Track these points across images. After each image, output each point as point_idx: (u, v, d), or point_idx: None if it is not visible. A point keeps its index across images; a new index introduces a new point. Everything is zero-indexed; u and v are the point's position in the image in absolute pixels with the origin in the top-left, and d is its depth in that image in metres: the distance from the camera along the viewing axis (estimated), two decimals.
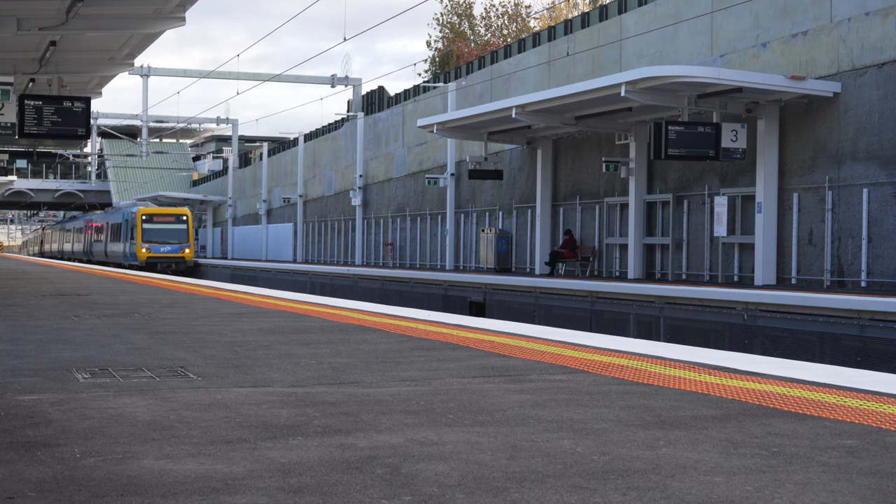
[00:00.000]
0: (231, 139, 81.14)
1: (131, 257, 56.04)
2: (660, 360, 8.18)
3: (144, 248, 55.19)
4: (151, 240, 55.56)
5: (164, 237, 55.79)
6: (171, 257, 55.38)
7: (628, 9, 29.70)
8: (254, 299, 17.41)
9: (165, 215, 56.98)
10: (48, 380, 7.11)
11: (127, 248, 57.02)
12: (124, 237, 57.81)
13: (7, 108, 21.21)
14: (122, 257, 57.90)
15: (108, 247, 63.45)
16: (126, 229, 57.46)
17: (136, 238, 55.44)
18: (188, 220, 56.96)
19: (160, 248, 55.41)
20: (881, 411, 5.78)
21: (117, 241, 60.06)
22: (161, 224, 56.10)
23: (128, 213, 57.82)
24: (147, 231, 55.68)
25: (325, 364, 8.05)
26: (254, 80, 61.62)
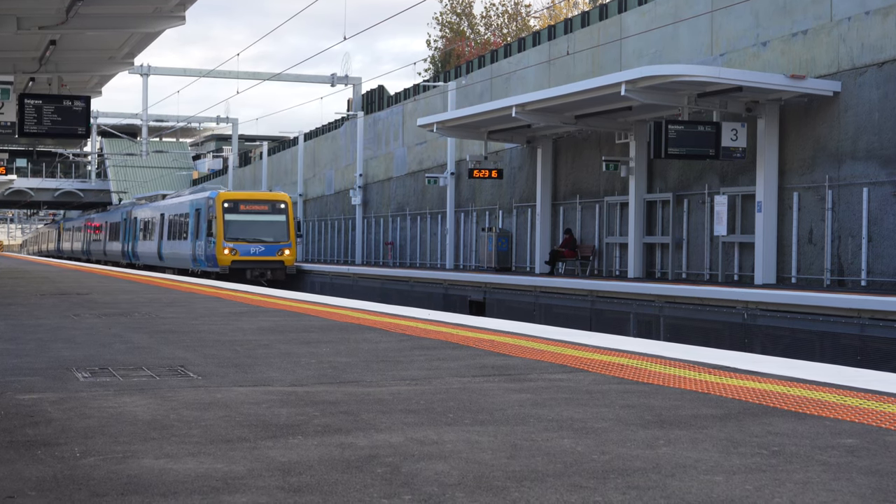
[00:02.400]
0: (231, 138, 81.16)
1: (206, 261, 40.11)
2: (660, 360, 8.18)
3: (227, 249, 38.67)
4: (237, 237, 39.33)
5: (256, 233, 39.73)
6: (266, 261, 39.21)
7: (628, 8, 29.69)
8: (254, 298, 17.41)
9: (256, 202, 40.45)
10: (48, 379, 7.11)
11: (199, 248, 41.00)
12: (194, 234, 41.79)
13: (7, 107, 21.20)
14: (191, 261, 42.19)
15: (163, 247, 47.18)
16: (197, 223, 41.50)
17: (215, 234, 39.24)
18: (288, 210, 40.30)
19: (249, 248, 39.06)
20: (881, 410, 5.78)
21: (179, 238, 44.21)
22: (251, 214, 39.96)
23: (201, 201, 41.42)
24: (231, 225, 39.48)
25: (325, 363, 8.05)
26: (254, 79, 61.63)
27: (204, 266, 40.49)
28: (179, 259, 44.05)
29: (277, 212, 40.29)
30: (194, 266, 41.78)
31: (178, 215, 44.86)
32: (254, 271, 38.78)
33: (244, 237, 39.43)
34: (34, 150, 69.79)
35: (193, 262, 41.85)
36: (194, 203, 42.37)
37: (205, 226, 40.40)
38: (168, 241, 46.40)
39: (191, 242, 42.10)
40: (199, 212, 41.47)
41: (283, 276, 39.35)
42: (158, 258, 47.76)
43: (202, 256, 40.62)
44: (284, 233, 40.02)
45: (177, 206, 45.77)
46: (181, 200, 45.30)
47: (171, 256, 45.73)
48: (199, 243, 40.95)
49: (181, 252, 43.75)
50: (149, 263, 49.66)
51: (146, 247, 50.74)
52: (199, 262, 41.13)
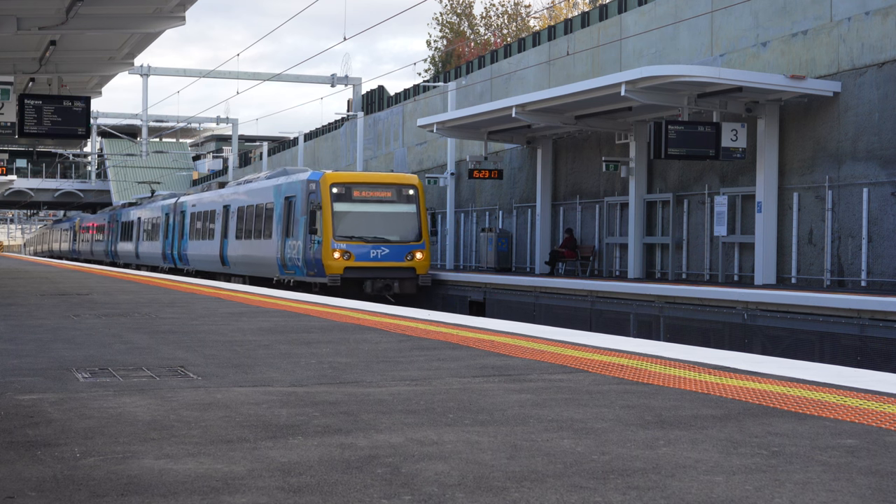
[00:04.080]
0: (231, 139, 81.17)
1: (305, 268, 29.18)
2: (660, 360, 8.18)
3: (339, 252, 28.11)
4: (352, 234, 28.55)
5: (377, 229, 29.04)
6: (391, 268, 28.52)
7: (628, 8, 29.69)
8: (253, 299, 17.41)
9: (376, 187, 29.41)
10: (48, 379, 7.11)
11: (292, 250, 30.04)
12: (282, 230, 30.84)
13: (7, 107, 21.21)
14: (278, 267, 31.11)
15: (229, 248, 36.24)
16: (287, 216, 30.72)
17: (320, 231, 28.39)
18: (419, 197, 29.47)
19: (369, 250, 28.47)
20: (881, 411, 5.78)
21: (257, 236, 33.24)
22: (369, 204, 29.24)
23: (295, 186, 30.47)
24: (344, 218, 28.68)
25: (325, 363, 8.05)
26: (254, 79, 61.64)
27: (300, 275, 29.34)
28: (259, 264, 32.78)
29: (405, 199, 29.16)
30: (284, 274, 30.61)
31: (254, 207, 33.70)
32: (375, 283, 27.83)
33: (361, 235, 28.33)
34: (34, 150, 69.79)
35: (283, 268, 30.55)
36: (283, 188, 31.07)
37: (302, 220, 29.13)
38: (239, 242, 35.05)
39: (277, 242, 30.94)
40: (290, 201, 30.29)
41: (415, 288, 28.43)
42: (221, 262, 36.79)
43: (297, 261, 29.31)
44: (415, 228, 28.90)
45: (251, 194, 34.39)
46: (258, 187, 34.08)
47: (245, 261, 34.40)
48: (293, 243, 29.74)
49: (263, 255, 32.25)
50: (205, 269, 39.03)
51: (201, 248, 39.74)
52: (291, 268, 29.86)
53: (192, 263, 41.10)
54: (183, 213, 43.25)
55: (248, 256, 34.14)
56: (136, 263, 51.78)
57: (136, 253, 51.87)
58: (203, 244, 39.75)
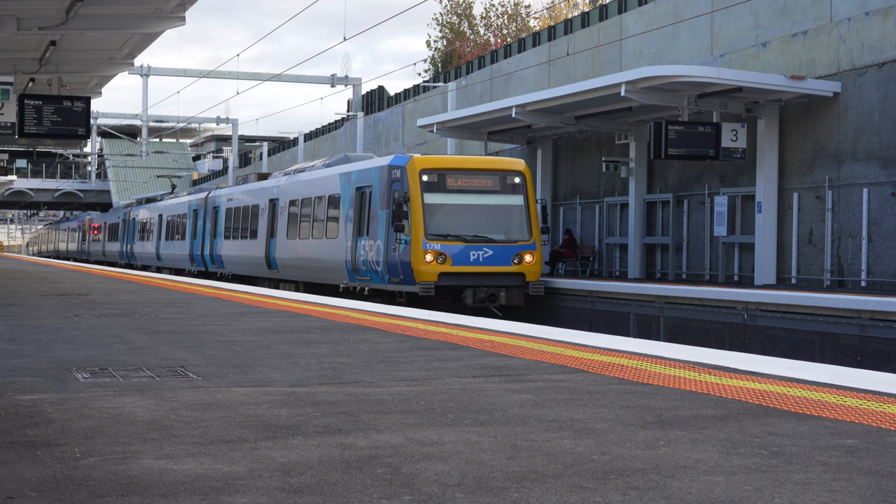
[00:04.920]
0: (231, 139, 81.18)
1: (392, 272, 23.69)
2: (660, 360, 8.18)
3: (431, 254, 23.03)
4: (446, 232, 23.44)
5: (477, 225, 23.86)
6: (496, 274, 23.28)
7: (628, 8, 29.70)
8: (254, 299, 17.41)
9: (475, 173, 24.20)
10: (48, 379, 7.11)
11: (367, 251, 24.77)
12: (354, 228, 25.57)
13: (7, 107, 21.21)
14: (348, 272, 25.66)
15: (277, 249, 30.68)
16: (361, 210, 25.42)
17: (408, 228, 23.28)
18: (527, 185, 24.25)
19: (469, 252, 23.16)
20: (881, 411, 5.77)
21: (325, 235, 27.25)
22: (466, 195, 24.05)
23: (370, 174, 25.26)
24: (437, 212, 23.62)
25: (325, 364, 8.05)
26: (254, 79, 61.65)
27: (378, 281, 24.02)
28: (320, 269, 27.30)
29: (510, 189, 23.77)
30: (355, 280, 25.14)
31: (313, 200, 28.20)
32: (477, 292, 22.64)
33: (459, 233, 23.04)
34: (34, 150, 69.79)
35: (353, 274, 25.13)
36: (354, 177, 25.70)
37: (382, 215, 23.90)
38: (291, 242, 29.58)
39: (345, 242, 25.48)
40: (364, 192, 25.05)
41: (523, 298, 23.17)
42: (267, 266, 31.35)
43: (376, 265, 23.94)
44: (523, 224, 23.56)
45: (308, 185, 28.97)
46: (316, 176, 28.53)
47: (300, 265, 28.86)
48: (368, 243, 24.35)
49: (325, 258, 26.84)
50: (246, 274, 33.86)
51: (241, 249, 34.12)
52: (366, 274, 24.46)
53: (229, 266, 35.60)
54: (216, 210, 37.75)
55: (305, 259, 28.41)
56: (156, 266, 45.91)
57: (157, 254, 45.99)
58: (244, 245, 34.03)
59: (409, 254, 22.87)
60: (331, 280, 26.67)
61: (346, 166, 27.06)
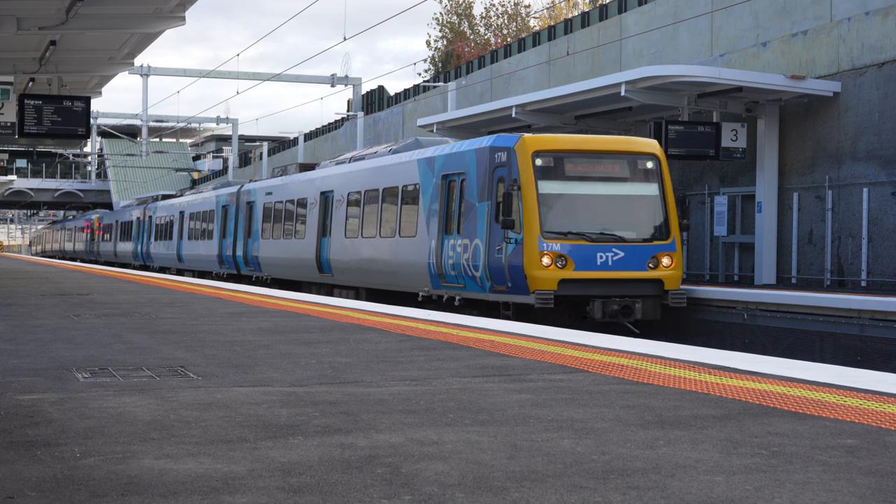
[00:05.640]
0: (231, 139, 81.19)
1: (496, 278, 18.86)
2: (659, 360, 8.18)
3: (549, 255, 18.18)
4: (568, 229, 18.68)
5: (604, 220, 19.17)
6: (628, 281, 18.60)
7: (628, 8, 29.70)
8: (254, 299, 17.41)
9: (600, 157, 19.39)
10: (48, 379, 7.11)
11: (471, 253, 19.60)
12: (457, 223, 20.36)
13: (7, 107, 21.22)
14: (436, 277, 20.86)
15: (331, 250, 26.29)
16: (455, 201, 20.61)
17: (519, 224, 18.34)
18: (661, 172, 19.50)
19: (595, 253, 18.50)
20: (881, 411, 5.77)
21: (399, 233, 22.87)
22: (590, 184, 19.32)
23: (467, 157, 20.42)
24: (555, 203, 18.88)
25: (325, 363, 8.05)
26: (254, 79, 61.66)
27: (475, 289, 19.32)
28: (392, 273, 22.73)
29: (643, 176, 19.36)
30: (442, 288, 20.47)
31: (379, 192, 23.77)
32: (608, 304, 18.14)
33: (583, 230, 18.61)
34: (34, 150, 69.77)
35: (439, 279, 20.47)
36: (439, 163, 21.20)
37: (481, 208, 19.26)
38: (351, 241, 25.01)
39: (430, 242, 20.95)
40: (454, 181, 20.49)
41: (659, 311, 18.69)
42: (319, 269, 26.68)
43: (472, 270, 19.29)
44: (659, 219, 19.18)
45: (373, 175, 24.47)
46: (383, 164, 24.07)
47: (365, 267, 24.20)
48: (460, 243, 19.79)
49: (400, 260, 22.38)
50: (291, 278, 29.12)
51: (285, 250, 29.48)
52: (458, 280, 19.81)
53: (268, 269, 31.12)
54: (250, 205, 33.17)
55: (369, 262, 23.88)
56: (177, 268, 41.74)
57: (179, 255, 41.31)
58: (287, 245, 29.30)
59: (520, 256, 18.15)
60: (406, 287, 22.05)
61: (426, 151, 22.39)
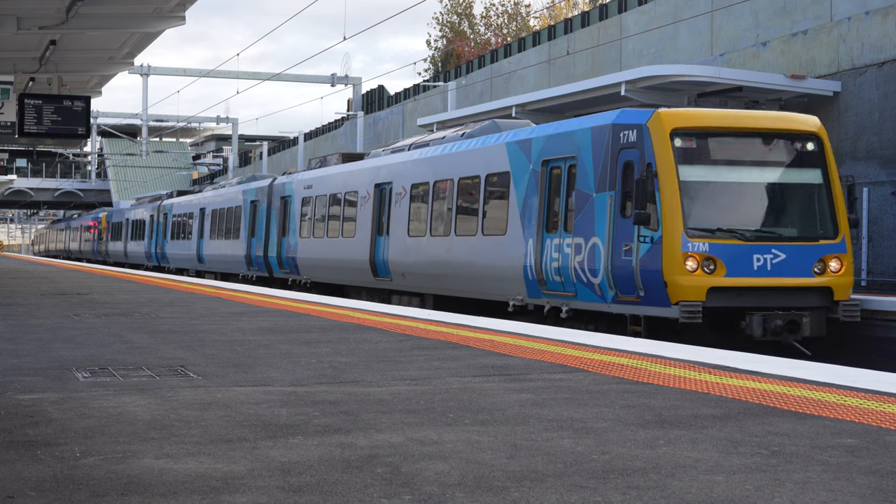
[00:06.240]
0: (231, 138, 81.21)
1: (622, 286, 15.06)
2: (660, 360, 8.18)
3: (695, 258, 14.37)
4: (717, 225, 14.79)
5: (760, 214, 15.32)
6: (790, 290, 14.69)
7: (628, 8, 29.69)
8: (254, 298, 17.41)
9: (752, 136, 15.39)
10: (48, 379, 7.11)
11: (586, 254, 15.80)
12: (561, 219, 16.64)
13: (7, 107, 21.22)
14: (535, 284, 16.98)
15: (390, 250, 22.56)
16: (558, 192, 16.83)
17: (656, 218, 14.52)
18: (825, 155, 15.80)
19: (751, 255, 14.57)
20: (881, 410, 5.77)
21: (483, 230, 18.93)
22: (741, 169, 15.32)
23: (576, 136, 16.51)
24: (700, 193, 15.03)
25: (326, 363, 8.05)
26: (254, 78, 61.65)
27: (593, 298, 15.88)
28: (469, 278, 19.27)
29: (802, 160, 15.95)
30: (546, 296, 16.86)
31: (456, 183, 20.12)
32: (769, 319, 14.59)
33: (734, 227, 15.07)
34: (34, 150, 69.68)
35: (539, 286, 16.96)
36: (543, 146, 17.51)
37: (601, 200, 15.85)
38: (415, 241, 21.46)
39: (526, 241, 17.47)
40: (557, 169, 17.05)
41: (825, 326, 15.18)
42: (373, 272, 23.12)
43: (595, 276, 15.74)
44: (825, 214, 15.75)
45: (448, 163, 20.67)
46: (465, 149, 20.21)
47: (430, 272, 20.73)
48: (570, 242, 16.37)
49: (482, 263, 18.79)
50: (332, 281, 25.79)
51: (329, 250, 25.96)
52: (566, 286, 16.37)
53: (307, 272, 27.41)
54: (286, 201, 29.49)
55: (441, 264, 20.14)
56: (196, 269, 38.88)
57: (199, 255, 38.06)
58: (332, 245, 25.74)
59: (657, 258, 14.53)
60: (489, 294, 18.46)
61: (515, 133, 18.62)
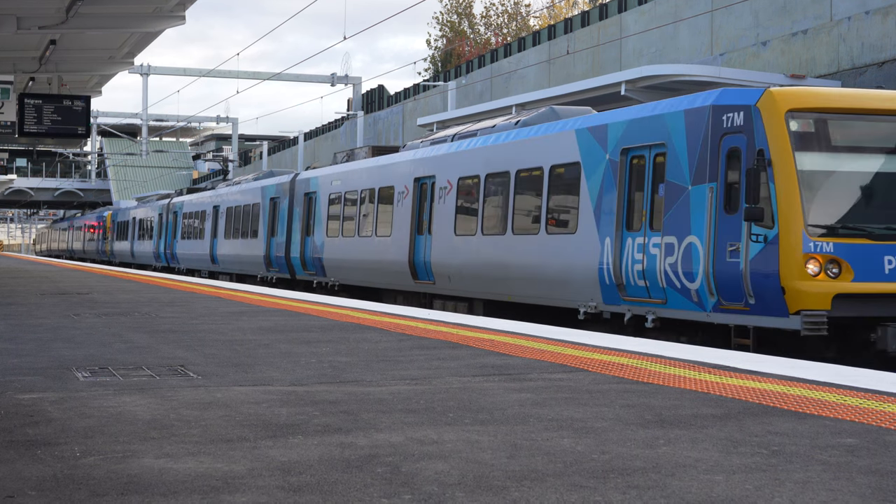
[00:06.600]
0: (231, 138, 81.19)
1: (727, 292, 12.49)
2: (660, 359, 8.17)
3: (816, 259, 11.87)
4: (842, 222, 12.27)
5: (889, 209, 12.48)
6: None
7: (628, 7, 29.69)
8: (254, 298, 17.40)
9: (877, 118, 12.58)
10: (48, 378, 7.10)
11: (682, 254, 13.23)
12: (660, 216, 13.84)
13: (7, 106, 21.22)
14: (612, 290, 14.55)
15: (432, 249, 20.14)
16: (651, 180, 14.14)
17: (771, 214, 12.10)
18: None
19: (882, 257, 12.09)
20: (881, 410, 5.77)
21: (549, 229, 16.39)
22: (869, 157, 12.63)
23: (669, 119, 13.80)
24: (819, 183, 12.34)
25: (325, 363, 8.05)
26: (254, 78, 61.64)
27: (688, 306, 13.22)
28: (529, 281, 16.97)
29: None
30: (626, 303, 14.39)
31: (513, 175, 17.75)
32: None
33: (862, 224, 12.40)
34: (34, 149, 69.65)
35: (619, 291, 14.54)
36: (623, 131, 14.97)
37: (699, 194, 13.16)
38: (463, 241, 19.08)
39: (601, 240, 15.09)
40: (639, 158, 14.62)
41: None
42: (412, 275, 20.92)
43: (693, 280, 13.09)
44: None
45: (502, 154, 18.25)
46: (530, 136, 17.68)
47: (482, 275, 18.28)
48: (658, 241, 13.79)
49: (544, 264, 16.58)
50: (364, 283, 23.49)
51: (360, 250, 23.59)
52: (651, 291, 13.84)
53: (335, 273, 24.99)
54: (311, 198, 26.93)
55: (496, 267, 17.82)
56: (209, 270, 37.13)
57: (213, 256, 36.28)
58: (364, 244, 23.39)
59: (773, 260, 12.26)
60: (555, 300, 16.13)
61: (589, 119, 16.23)
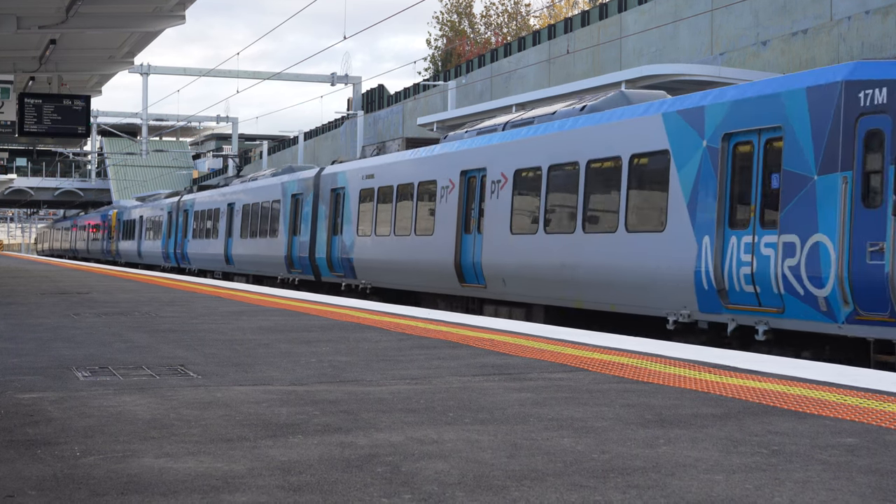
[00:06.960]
0: (231, 137, 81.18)
1: (874, 301, 10.56)
2: (660, 359, 8.17)
3: None
4: None
5: None
6: None
7: (628, 7, 29.69)
8: (254, 298, 17.40)
9: None
10: (48, 378, 7.10)
11: (808, 256, 11.29)
12: (774, 213, 11.89)
13: (7, 106, 21.22)
14: (717, 294, 12.61)
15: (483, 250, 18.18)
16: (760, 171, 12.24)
17: None
18: None
19: None
20: (881, 410, 5.77)
21: (630, 226, 14.43)
22: None
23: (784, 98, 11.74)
24: None
25: (325, 362, 8.05)
26: (254, 78, 61.64)
27: (814, 315, 11.35)
28: (621, 286, 14.64)
29: None
30: (728, 311, 12.62)
31: (583, 167, 15.72)
32: None
33: None
34: (34, 149, 69.66)
35: (720, 298, 12.66)
36: (722, 114, 12.88)
37: (828, 186, 11.24)
38: (520, 240, 17.25)
39: (697, 241, 13.08)
40: (745, 146, 12.59)
41: None
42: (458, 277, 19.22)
43: (822, 287, 11.18)
44: None
45: (568, 142, 16.21)
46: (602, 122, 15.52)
47: (543, 278, 16.40)
48: (777, 241, 11.80)
49: (639, 267, 14.25)
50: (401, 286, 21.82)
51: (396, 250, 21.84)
52: (764, 298, 12.00)
53: (365, 274, 23.34)
54: (338, 194, 25.37)
55: (564, 268, 15.92)
56: (224, 271, 35.70)
57: (227, 256, 34.54)
58: (401, 244, 21.58)
59: None
60: (638, 306, 14.40)
61: (680, 101, 14.05)
